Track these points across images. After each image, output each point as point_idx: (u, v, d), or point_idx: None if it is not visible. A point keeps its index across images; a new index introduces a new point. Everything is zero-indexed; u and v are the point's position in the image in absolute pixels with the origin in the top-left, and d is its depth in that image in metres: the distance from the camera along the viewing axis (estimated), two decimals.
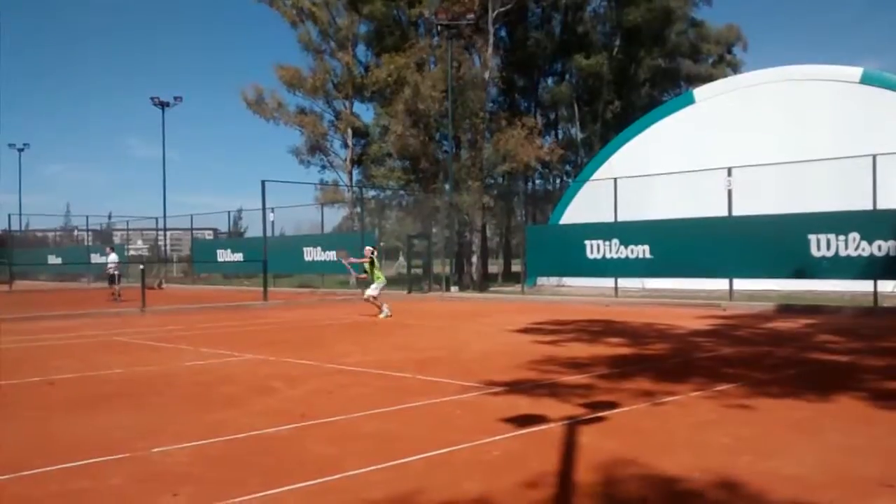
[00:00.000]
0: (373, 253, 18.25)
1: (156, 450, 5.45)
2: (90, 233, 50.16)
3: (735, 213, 20.62)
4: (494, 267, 47.27)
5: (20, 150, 58.66)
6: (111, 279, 25.33)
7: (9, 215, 72.66)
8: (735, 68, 48.40)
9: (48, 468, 5.00)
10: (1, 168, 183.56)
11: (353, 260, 18.95)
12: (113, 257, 26.34)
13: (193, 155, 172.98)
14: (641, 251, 22.44)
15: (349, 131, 38.20)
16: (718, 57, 50.04)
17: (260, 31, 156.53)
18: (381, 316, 17.37)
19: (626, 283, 23.68)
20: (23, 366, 10.22)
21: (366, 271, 18.27)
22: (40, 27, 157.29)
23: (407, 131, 32.77)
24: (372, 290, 17.81)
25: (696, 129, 26.50)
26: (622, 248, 22.92)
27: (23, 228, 56.64)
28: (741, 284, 21.10)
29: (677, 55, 45.62)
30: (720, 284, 21.27)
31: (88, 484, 4.66)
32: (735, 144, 23.99)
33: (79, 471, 4.96)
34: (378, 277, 17.95)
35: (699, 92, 28.37)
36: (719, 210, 20.90)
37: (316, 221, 36.86)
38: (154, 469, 5.01)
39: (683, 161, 23.33)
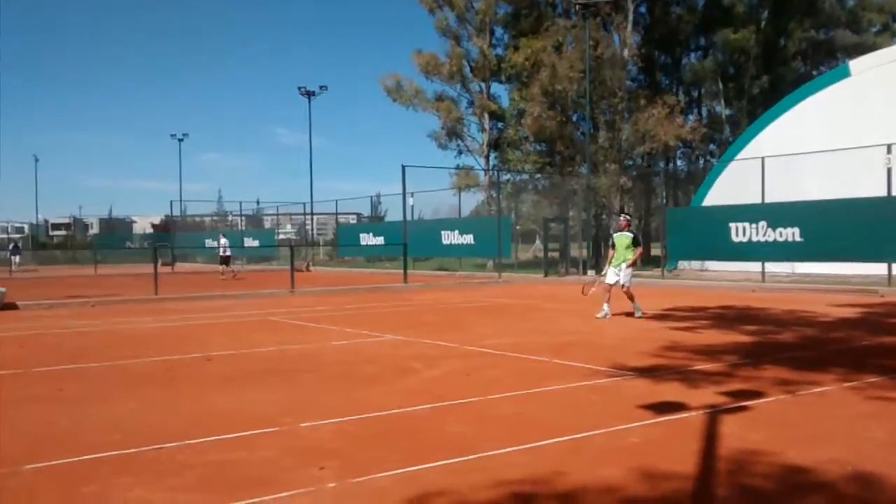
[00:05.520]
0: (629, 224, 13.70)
1: (303, 424, 5.75)
2: (243, 217, 52.96)
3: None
4: None
5: (180, 140, 62.75)
6: (223, 261, 29.38)
7: (171, 202, 78.07)
8: None
9: (207, 438, 5.38)
10: (163, 157, 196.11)
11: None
12: (223, 241, 30.59)
13: (338, 142, 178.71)
14: (791, 234, 21.45)
15: (485, 115, 38.30)
16: (882, 26, 46.53)
17: (401, 19, 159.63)
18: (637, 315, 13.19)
19: (774, 267, 22.63)
20: (185, 342, 10.99)
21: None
22: (198, 24, 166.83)
23: (543, 113, 32.54)
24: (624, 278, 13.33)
25: (852, 104, 24.72)
26: (770, 230, 22.00)
27: (182, 214, 60.44)
28: None
29: (833, 26, 42.81)
30: (878, 269, 19.96)
31: (243, 455, 4.97)
32: None
33: (234, 442, 5.30)
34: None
35: (855, 64, 26.48)
36: (877, 190, 19.65)
37: (453, 205, 37.29)
38: (302, 443, 5.29)
39: (837, 138, 21.90)
